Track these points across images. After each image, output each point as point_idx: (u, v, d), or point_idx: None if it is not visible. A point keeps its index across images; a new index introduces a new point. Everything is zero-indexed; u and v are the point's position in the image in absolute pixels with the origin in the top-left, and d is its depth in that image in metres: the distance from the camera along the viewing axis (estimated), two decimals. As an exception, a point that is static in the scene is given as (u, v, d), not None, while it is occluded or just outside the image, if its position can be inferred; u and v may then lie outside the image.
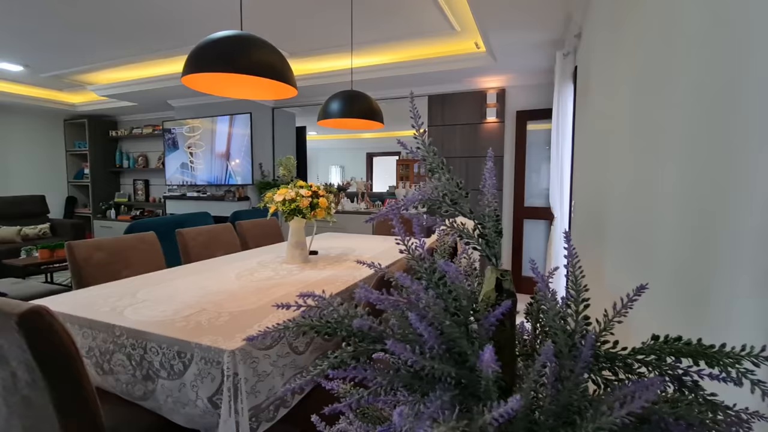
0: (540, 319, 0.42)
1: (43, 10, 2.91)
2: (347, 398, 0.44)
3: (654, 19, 0.90)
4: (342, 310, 0.35)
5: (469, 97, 4.25)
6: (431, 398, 0.25)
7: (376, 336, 0.33)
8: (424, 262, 0.35)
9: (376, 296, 0.30)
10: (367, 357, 0.35)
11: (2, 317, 0.87)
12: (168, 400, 1.12)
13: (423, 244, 0.37)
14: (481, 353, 0.25)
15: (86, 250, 1.83)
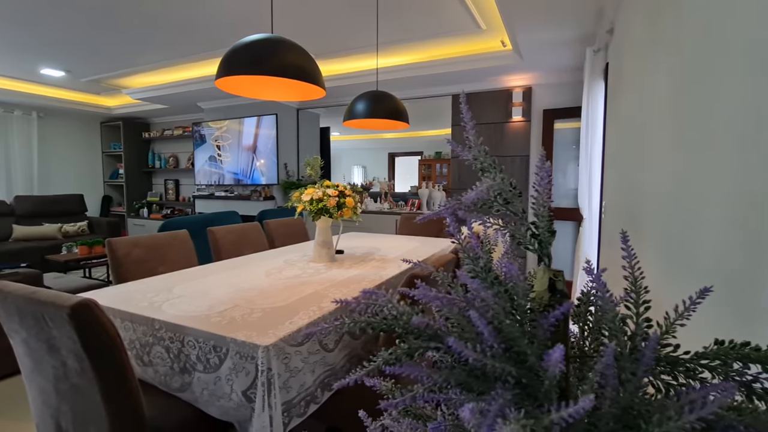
0: (588, 321, 0.41)
1: (84, 19, 3.05)
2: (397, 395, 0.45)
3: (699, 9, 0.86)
4: (401, 308, 0.36)
5: (493, 96, 4.19)
6: (493, 396, 0.25)
7: (431, 334, 0.34)
8: (479, 261, 0.35)
9: (434, 295, 0.30)
10: (421, 354, 0.35)
11: (55, 309, 0.92)
12: (204, 392, 1.16)
13: (478, 244, 0.37)
14: (549, 352, 0.24)
15: (125, 247, 1.91)
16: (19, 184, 5.52)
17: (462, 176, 4.39)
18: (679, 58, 1.00)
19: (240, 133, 5.23)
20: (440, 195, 4.60)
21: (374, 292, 0.39)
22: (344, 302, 0.42)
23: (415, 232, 3.34)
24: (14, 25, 3.19)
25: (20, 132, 5.54)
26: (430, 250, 2.41)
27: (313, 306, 1.33)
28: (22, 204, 4.97)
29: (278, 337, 1.07)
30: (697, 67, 0.86)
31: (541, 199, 0.36)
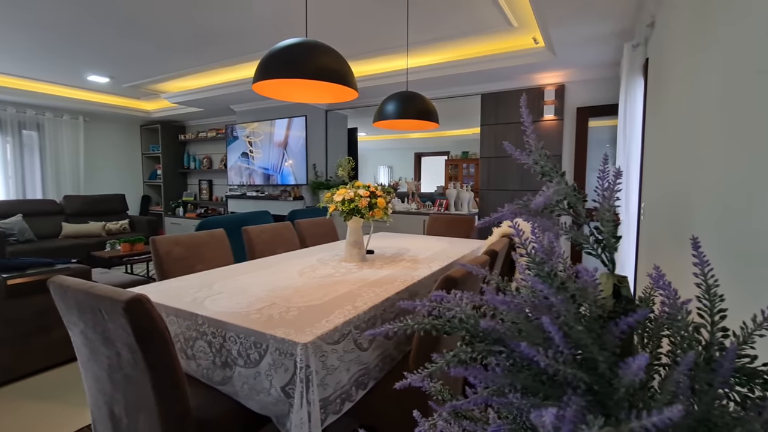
0: (647, 328, 0.40)
1: (128, 28, 3.22)
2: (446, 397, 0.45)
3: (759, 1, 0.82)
4: (468, 311, 0.36)
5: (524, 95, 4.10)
6: (567, 402, 0.25)
7: (496, 338, 0.34)
8: (544, 266, 0.35)
9: (501, 299, 0.30)
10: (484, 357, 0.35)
11: (111, 303, 0.98)
12: (244, 386, 1.20)
13: (542, 248, 0.37)
14: (630, 360, 0.24)
15: (166, 245, 2.01)
16: (68, 185, 5.88)
17: (491, 177, 4.32)
18: (733, 52, 0.95)
19: (271, 135, 5.36)
20: (468, 195, 4.54)
21: (444, 296, 0.39)
22: (411, 305, 0.42)
23: (444, 233, 3.32)
24: (65, 35, 3.40)
25: (68, 135, 5.90)
26: (459, 251, 2.39)
27: (348, 305, 1.35)
28: (70, 203, 5.30)
29: (316, 335, 1.10)
30: (754, 62, 0.81)
31: (606, 204, 0.36)
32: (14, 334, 2.19)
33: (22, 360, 2.23)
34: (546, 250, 0.37)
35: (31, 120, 5.54)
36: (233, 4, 2.77)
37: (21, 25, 3.20)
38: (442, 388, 0.48)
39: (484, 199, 4.37)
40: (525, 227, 1.59)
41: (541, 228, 0.36)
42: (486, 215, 4.34)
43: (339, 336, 1.19)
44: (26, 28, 3.26)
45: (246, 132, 5.58)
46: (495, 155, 4.31)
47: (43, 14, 2.98)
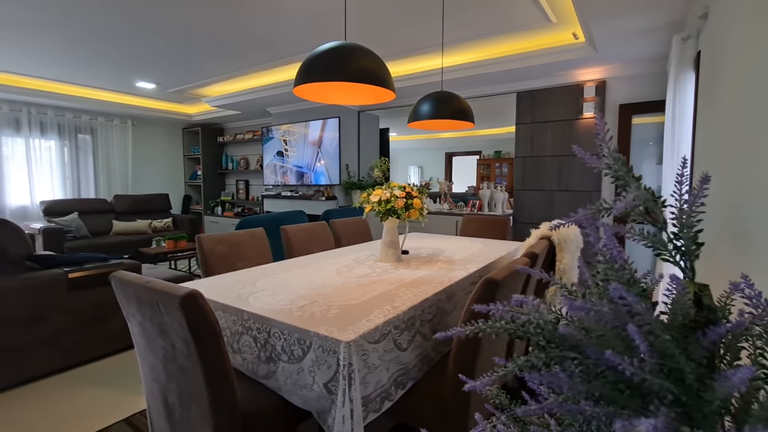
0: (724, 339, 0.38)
1: (173, 36, 3.38)
2: (504, 402, 0.45)
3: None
4: (547, 316, 0.36)
5: (562, 92, 3.98)
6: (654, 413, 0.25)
7: (573, 344, 0.33)
8: (623, 273, 0.34)
9: (580, 305, 0.30)
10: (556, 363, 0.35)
11: (168, 298, 1.04)
12: (287, 381, 1.23)
13: (621, 253, 0.36)
14: (729, 372, 0.23)
15: (210, 243, 2.10)
16: (117, 185, 6.26)
17: (527, 177, 4.22)
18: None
19: (306, 137, 5.48)
20: (503, 196, 4.45)
21: (524, 300, 0.39)
22: (485, 309, 0.42)
23: (478, 234, 3.28)
24: (118, 46, 3.62)
25: (118, 138, 6.28)
26: (495, 253, 2.35)
27: (387, 305, 1.37)
28: (120, 202, 5.64)
29: (358, 333, 1.12)
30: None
31: (689, 209, 0.34)
32: (74, 324, 2.36)
33: (81, 348, 2.40)
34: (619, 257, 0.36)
35: (85, 124, 5.94)
36: (275, 10, 2.86)
37: (78, 38, 3.44)
38: (499, 392, 0.48)
39: (519, 200, 4.27)
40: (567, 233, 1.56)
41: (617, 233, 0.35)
42: (521, 216, 4.25)
43: (379, 335, 1.20)
44: (83, 41, 3.50)
45: (281, 132, 5.73)
46: (531, 155, 4.20)
47: (98, 27, 3.19)
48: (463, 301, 1.79)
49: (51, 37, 3.43)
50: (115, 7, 2.85)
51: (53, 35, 3.40)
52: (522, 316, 0.40)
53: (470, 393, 1.24)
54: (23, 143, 5.35)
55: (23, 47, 3.71)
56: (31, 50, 3.79)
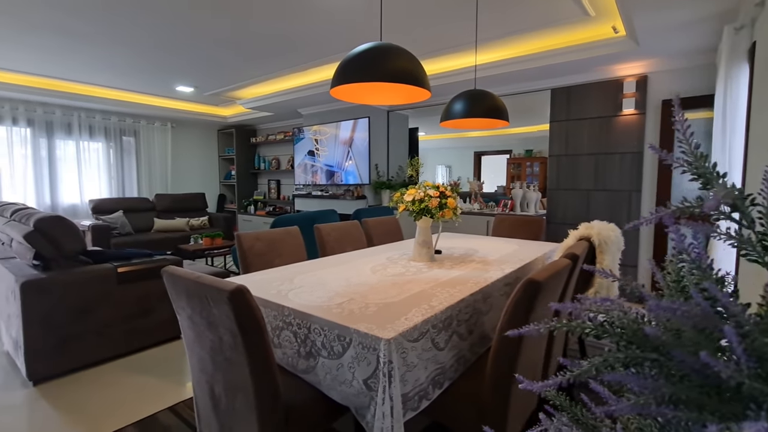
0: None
1: (211, 42, 3.52)
2: (564, 403, 0.45)
3: None
4: (632, 316, 0.35)
5: (599, 88, 3.84)
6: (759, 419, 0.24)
7: (656, 345, 0.33)
8: (709, 273, 0.33)
9: (667, 305, 0.29)
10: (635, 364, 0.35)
11: (217, 292, 1.08)
12: (327, 376, 1.26)
13: (704, 254, 0.35)
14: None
15: (249, 241, 2.17)
16: (158, 184, 6.57)
17: (561, 176, 4.10)
18: None
19: (336, 137, 5.56)
20: (536, 196, 4.35)
21: (609, 299, 0.39)
22: (563, 306, 0.42)
23: (510, 234, 3.22)
24: (159, 51, 3.80)
25: (159, 140, 6.59)
26: (531, 254, 2.30)
27: (424, 304, 1.37)
28: (160, 201, 5.92)
29: (397, 331, 1.12)
30: None
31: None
32: (122, 316, 2.50)
33: (129, 338, 2.54)
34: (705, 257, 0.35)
35: (129, 127, 6.27)
36: (309, 12, 2.92)
37: (125, 46, 3.64)
38: (558, 393, 0.47)
39: (553, 200, 4.16)
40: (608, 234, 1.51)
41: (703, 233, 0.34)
42: (554, 217, 4.14)
43: (418, 334, 1.21)
44: (129, 49, 3.70)
45: (312, 132, 5.84)
46: (566, 153, 4.08)
47: (142, 36, 3.36)
48: (499, 302, 1.77)
49: (100, 45, 3.65)
50: (158, 16, 2.99)
51: (102, 44, 3.61)
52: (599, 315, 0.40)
53: (510, 395, 1.22)
54: (74, 145, 5.71)
55: (75, 55, 3.96)
56: (82, 58, 4.04)
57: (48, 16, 3.02)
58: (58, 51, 3.82)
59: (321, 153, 5.75)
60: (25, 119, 5.26)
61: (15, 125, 5.20)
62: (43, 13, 2.97)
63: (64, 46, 3.69)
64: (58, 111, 5.51)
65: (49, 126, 5.48)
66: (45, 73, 4.63)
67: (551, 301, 1.39)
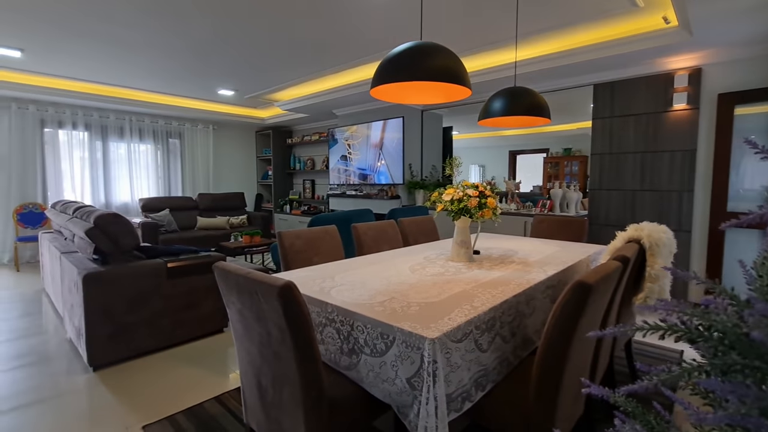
0: None
1: (250, 46, 3.64)
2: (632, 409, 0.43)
3: None
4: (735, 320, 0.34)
5: (647, 82, 3.65)
6: None
7: (762, 352, 0.31)
8: None
9: (771, 309, 0.28)
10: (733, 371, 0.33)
11: (267, 288, 1.12)
12: (369, 374, 1.28)
13: None
14: None
15: (290, 239, 2.23)
16: (200, 184, 6.88)
17: (604, 175, 3.93)
18: None
19: (369, 138, 5.60)
20: (576, 196, 4.19)
21: (712, 301, 0.38)
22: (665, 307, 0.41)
23: (550, 236, 3.12)
24: (203, 57, 3.98)
25: (202, 142, 6.90)
26: (574, 256, 2.22)
27: (466, 305, 1.36)
28: (203, 200, 6.20)
29: (442, 331, 1.12)
30: None
31: None
32: (171, 308, 2.64)
33: (177, 330, 2.67)
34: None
35: (174, 130, 6.60)
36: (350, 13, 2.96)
37: (171, 53, 3.83)
38: (626, 400, 0.46)
39: (595, 200, 3.99)
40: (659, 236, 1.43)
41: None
42: (597, 218, 3.97)
43: (462, 335, 1.20)
44: (175, 56, 3.89)
45: (345, 135, 5.92)
46: (609, 151, 3.90)
47: (188, 43, 3.53)
48: (542, 304, 1.72)
49: (150, 53, 3.86)
50: (203, 23, 3.13)
51: (152, 52, 3.82)
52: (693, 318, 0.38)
53: (557, 401, 1.19)
54: (126, 148, 6.08)
55: (128, 63, 4.22)
56: (133, 65, 4.30)
57: (103, 27, 3.24)
58: (112, 59, 4.08)
59: (354, 157, 5.82)
60: (83, 124, 5.66)
61: (74, 129, 5.61)
62: (98, 25, 3.19)
63: (118, 55, 3.94)
64: (111, 115, 5.89)
65: (104, 130, 5.87)
66: (101, 81, 4.97)
67: (601, 304, 1.34)
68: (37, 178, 5.32)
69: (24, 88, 4.78)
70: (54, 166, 5.48)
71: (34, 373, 2.34)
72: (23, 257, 5.30)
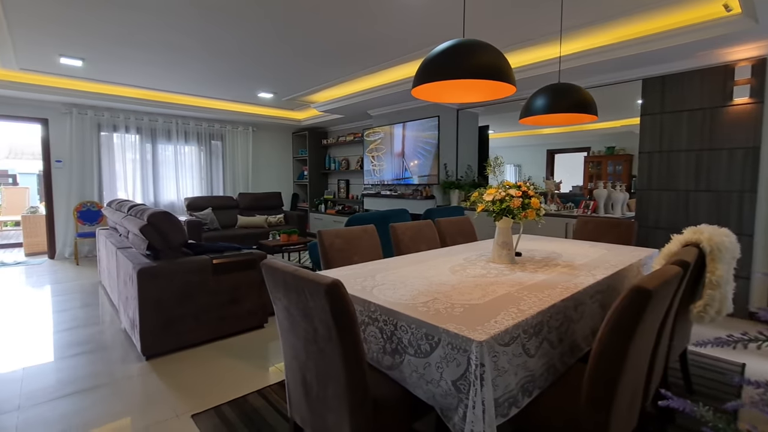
0: None
1: (290, 49, 3.73)
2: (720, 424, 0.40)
3: None
4: None
5: (703, 75, 3.41)
6: None
7: None
8: None
9: None
10: None
11: (314, 285, 1.14)
12: (413, 374, 1.27)
13: None
14: None
15: (330, 238, 2.26)
16: (240, 183, 7.15)
17: (653, 175, 3.71)
18: None
19: (403, 137, 5.59)
20: (623, 197, 3.99)
21: None
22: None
23: (595, 238, 2.98)
24: (244, 62, 4.12)
25: (242, 143, 7.16)
26: (623, 260, 2.11)
27: (512, 308, 1.32)
28: (243, 199, 6.42)
29: (489, 334, 1.10)
30: None
31: None
32: (217, 303, 2.75)
33: (221, 324, 2.79)
34: None
35: (216, 132, 6.89)
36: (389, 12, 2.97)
37: (216, 57, 3.99)
38: (716, 416, 0.42)
39: (644, 201, 3.78)
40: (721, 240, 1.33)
41: None
42: (645, 220, 3.76)
43: (509, 338, 1.17)
44: (220, 59, 4.06)
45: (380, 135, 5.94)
46: (659, 149, 3.69)
47: (230, 49, 3.67)
48: (591, 310, 1.65)
49: (198, 58, 4.05)
50: (247, 27, 3.24)
51: (200, 56, 4.00)
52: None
53: (611, 412, 1.13)
54: (172, 149, 6.42)
55: (176, 69, 4.44)
56: (181, 71, 4.53)
57: (161, 36, 3.42)
58: (168, 65, 4.30)
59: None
60: (134, 127, 6.02)
61: (127, 133, 5.98)
62: (156, 34, 3.37)
63: (169, 60, 4.15)
64: (160, 119, 6.23)
65: (153, 133, 6.22)
66: (152, 87, 5.26)
67: (660, 312, 1.26)
68: (93, 179, 5.72)
69: (83, 95, 5.15)
70: (109, 167, 5.87)
71: (93, 359, 2.51)
72: (82, 252, 5.71)
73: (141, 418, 1.90)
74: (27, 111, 5.31)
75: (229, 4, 2.84)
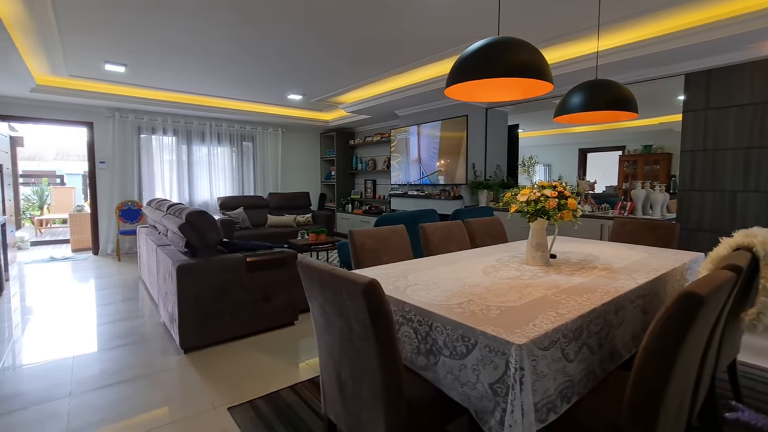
0: None
1: (322, 52, 3.78)
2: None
3: None
4: None
5: (752, 69, 3.21)
6: None
7: None
8: None
9: None
10: None
11: (351, 285, 1.16)
12: (447, 376, 1.26)
13: None
14: None
15: (361, 238, 2.28)
16: (270, 184, 7.31)
17: (696, 175, 3.53)
18: None
19: (430, 137, 5.56)
20: (662, 197, 3.81)
21: None
22: None
23: (633, 240, 2.87)
24: (274, 65, 4.21)
25: (272, 144, 7.33)
26: (666, 263, 2.02)
27: (550, 311, 1.29)
28: (273, 199, 6.58)
29: (529, 338, 1.08)
30: None
31: None
32: (250, 300, 2.83)
33: (255, 320, 2.86)
34: None
35: (248, 133, 7.08)
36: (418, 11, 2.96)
37: (250, 60, 4.10)
38: None
39: (685, 202, 3.60)
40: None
41: None
42: (687, 221, 3.58)
43: (548, 342, 1.14)
44: (253, 62, 4.16)
45: (406, 135, 5.94)
46: (703, 148, 3.50)
47: (261, 53, 3.76)
48: (632, 315, 1.59)
49: (232, 61, 4.17)
50: (279, 30, 3.31)
51: (234, 60, 4.12)
52: None
53: (656, 424, 1.09)
54: (206, 151, 6.65)
55: (211, 72, 4.59)
56: (216, 74, 4.68)
57: (200, 42, 3.56)
58: (201, 69, 4.46)
59: (412, 157, 5.82)
60: (171, 130, 6.28)
61: (164, 135, 6.25)
62: (195, 40, 3.50)
63: (208, 63, 4.30)
64: (195, 121, 6.46)
65: (189, 134, 6.46)
66: (189, 90, 5.47)
67: (710, 319, 1.20)
68: (134, 179, 6.00)
69: (125, 99, 5.42)
70: (148, 167, 6.14)
71: (134, 351, 2.64)
72: (123, 248, 6.01)
73: (181, 409, 1.98)
74: (74, 115, 5.65)
75: (268, 10, 2.91)
